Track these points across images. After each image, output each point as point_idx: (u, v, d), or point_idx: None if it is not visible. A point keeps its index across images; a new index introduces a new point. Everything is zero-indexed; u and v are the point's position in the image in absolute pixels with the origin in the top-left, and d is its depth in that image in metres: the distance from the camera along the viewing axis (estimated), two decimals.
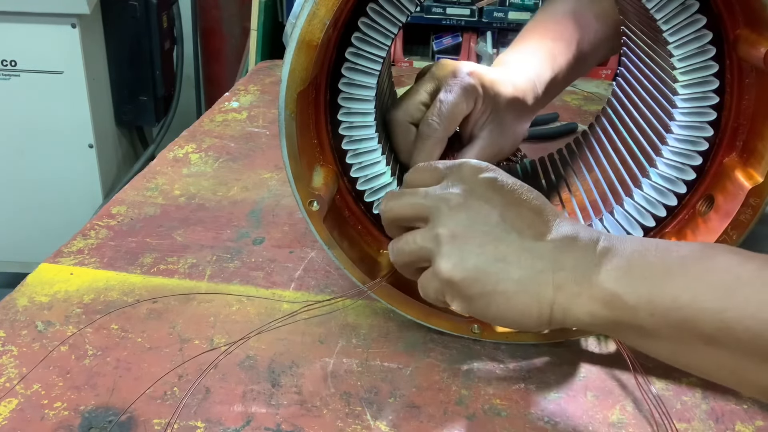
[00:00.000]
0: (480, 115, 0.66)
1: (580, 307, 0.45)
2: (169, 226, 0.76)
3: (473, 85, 0.64)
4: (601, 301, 0.44)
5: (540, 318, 0.46)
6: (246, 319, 0.62)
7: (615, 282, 0.44)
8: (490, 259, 0.46)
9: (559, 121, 1.06)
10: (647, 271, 0.43)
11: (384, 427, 0.51)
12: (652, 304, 0.42)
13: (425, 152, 0.63)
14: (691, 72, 0.54)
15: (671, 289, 0.42)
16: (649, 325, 0.43)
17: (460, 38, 2.36)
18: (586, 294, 0.44)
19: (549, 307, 0.46)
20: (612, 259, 0.44)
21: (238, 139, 0.98)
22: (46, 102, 1.85)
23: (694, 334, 0.41)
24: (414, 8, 0.54)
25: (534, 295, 0.46)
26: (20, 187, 1.95)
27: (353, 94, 0.56)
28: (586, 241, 0.46)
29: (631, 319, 0.43)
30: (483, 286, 0.46)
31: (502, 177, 0.49)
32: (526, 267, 0.46)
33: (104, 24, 1.94)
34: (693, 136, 0.56)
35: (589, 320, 0.45)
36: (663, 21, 0.53)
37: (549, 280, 0.45)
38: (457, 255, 0.46)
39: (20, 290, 0.64)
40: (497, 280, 0.46)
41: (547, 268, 0.45)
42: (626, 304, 0.43)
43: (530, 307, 0.46)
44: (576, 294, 0.45)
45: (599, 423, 0.52)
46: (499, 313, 0.47)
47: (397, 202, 0.51)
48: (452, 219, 0.47)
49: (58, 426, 0.50)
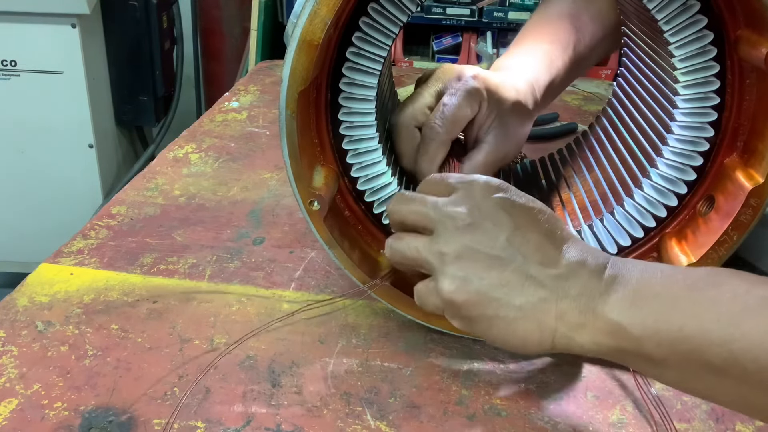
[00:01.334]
0: (485, 118, 0.65)
1: (584, 336, 0.45)
2: (169, 226, 0.76)
3: (477, 88, 0.63)
4: (606, 332, 0.44)
5: (541, 345, 0.46)
6: (246, 319, 0.62)
7: (620, 313, 0.43)
8: (493, 284, 0.46)
9: (559, 121, 1.06)
10: (653, 301, 0.43)
11: (384, 427, 0.51)
12: (658, 335, 0.42)
13: (428, 156, 0.62)
14: (691, 72, 0.54)
15: (678, 320, 0.41)
16: (656, 355, 0.42)
17: (460, 38, 2.36)
18: (590, 324, 0.44)
19: (551, 336, 0.45)
20: (618, 288, 0.44)
21: (238, 139, 0.98)
22: (46, 102, 1.85)
23: (700, 364, 0.41)
24: (415, 8, 0.54)
25: (535, 322, 0.45)
26: (20, 187, 1.95)
27: (354, 94, 0.56)
28: (591, 269, 0.45)
29: (637, 349, 0.43)
30: (484, 310, 0.46)
31: (514, 197, 0.48)
32: (529, 294, 0.45)
33: (104, 24, 1.94)
34: (693, 137, 0.56)
35: (594, 348, 0.45)
36: (664, 21, 0.53)
37: (552, 309, 0.45)
38: (460, 277, 0.46)
39: (20, 290, 0.64)
40: (499, 305, 0.46)
41: (551, 297, 0.45)
42: (632, 335, 0.43)
43: (531, 333, 0.46)
44: (580, 324, 0.44)
45: (599, 423, 0.52)
46: (500, 337, 0.47)
47: (404, 206, 0.50)
48: (458, 239, 0.47)
49: (58, 426, 0.50)
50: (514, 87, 0.67)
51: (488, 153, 0.66)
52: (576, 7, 0.78)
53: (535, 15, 0.82)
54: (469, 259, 0.46)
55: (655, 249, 0.60)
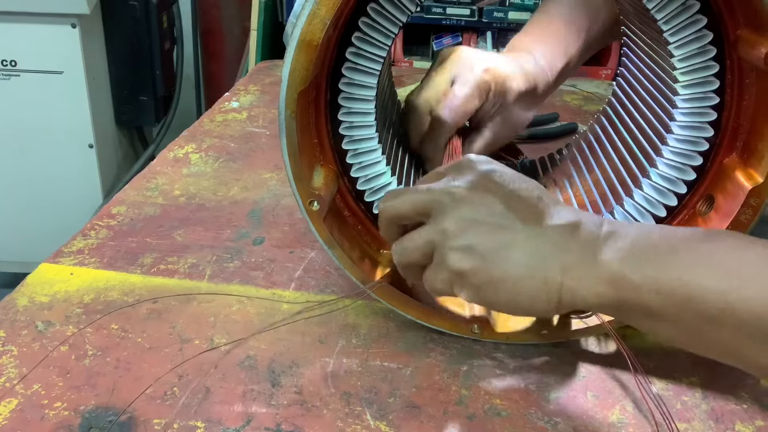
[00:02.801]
0: (489, 108, 0.70)
1: (587, 288, 0.45)
2: (169, 226, 0.76)
3: (486, 81, 0.67)
4: (607, 282, 0.44)
5: (549, 302, 0.46)
6: (246, 319, 0.62)
7: (620, 262, 0.44)
8: (497, 246, 0.47)
9: (559, 121, 1.06)
10: (652, 251, 0.44)
11: (384, 427, 0.51)
12: (656, 283, 0.43)
13: (435, 142, 0.67)
14: (691, 72, 0.54)
15: (676, 269, 0.42)
16: (654, 305, 0.43)
17: (460, 38, 2.35)
18: (592, 275, 0.45)
19: (557, 291, 0.46)
20: (617, 240, 0.45)
21: (238, 139, 0.98)
22: (46, 102, 1.85)
23: (697, 313, 0.42)
24: (414, 8, 0.54)
25: (542, 279, 0.46)
26: (20, 187, 1.95)
27: (353, 94, 0.56)
28: (589, 225, 0.47)
29: (636, 298, 0.44)
30: (491, 274, 0.47)
31: (501, 169, 0.50)
32: (533, 252, 0.46)
33: (104, 24, 1.93)
34: (693, 136, 0.56)
35: (596, 301, 0.45)
36: (663, 21, 0.53)
37: (556, 263, 0.46)
38: (464, 246, 0.47)
39: (20, 290, 0.64)
40: (505, 267, 0.46)
41: (553, 252, 0.46)
42: (631, 283, 0.43)
43: (539, 291, 0.46)
44: (583, 276, 0.45)
45: (599, 423, 0.52)
46: (509, 300, 0.47)
47: (397, 199, 0.51)
48: (457, 211, 0.48)
49: (58, 426, 0.50)
50: (523, 75, 0.71)
51: (487, 138, 0.71)
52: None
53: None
54: (471, 229, 0.47)
55: None
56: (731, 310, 0.40)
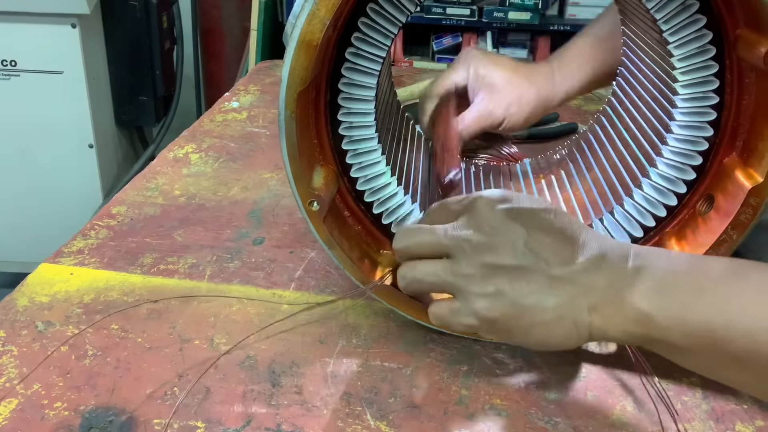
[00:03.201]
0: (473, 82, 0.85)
1: (615, 327, 0.45)
2: (169, 226, 0.76)
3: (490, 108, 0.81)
4: (635, 321, 0.45)
5: (579, 340, 0.47)
6: (246, 319, 0.62)
7: (648, 303, 0.44)
8: (524, 293, 0.46)
9: (559, 121, 1.06)
10: (680, 291, 0.44)
11: (384, 427, 0.51)
12: (684, 325, 0.43)
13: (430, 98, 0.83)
14: (691, 72, 0.54)
15: (703, 311, 0.43)
16: (682, 344, 0.44)
17: (460, 38, 2.36)
18: (620, 314, 0.45)
19: (587, 330, 0.46)
20: (644, 278, 0.45)
21: (238, 139, 0.98)
22: (46, 102, 1.85)
23: (724, 353, 0.42)
24: (414, 8, 0.54)
25: (571, 320, 0.46)
26: (20, 186, 1.95)
27: (353, 94, 0.56)
28: (616, 259, 0.46)
29: (664, 337, 0.44)
30: (520, 320, 0.47)
31: (518, 204, 0.48)
32: (560, 294, 0.46)
33: (104, 24, 1.93)
34: (693, 136, 0.56)
35: (624, 338, 0.46)
36: (663, 21, 0.53)
37: (583, 303, 0.46)
38: (491, 294, 0.47)
39: (20, 290, 0.64)
40: (534, 312, 0.46)
41: (580, 293, 0.46)
42: (660, 325, 0.44)
43: (570, 332, 0.46)
44: (611, 315, 0.45)
45: (599, 423, 0.52)
46: (540, 342, 0.48)
47: (413, 240, 0.50)
48: (478, 259, 0.47)
49: (58, 426, 0.50)
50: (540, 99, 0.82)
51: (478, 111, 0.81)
52: None
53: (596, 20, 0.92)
54: (495, 275, 0.47)
55: None
56: (757, 351, 0.41)
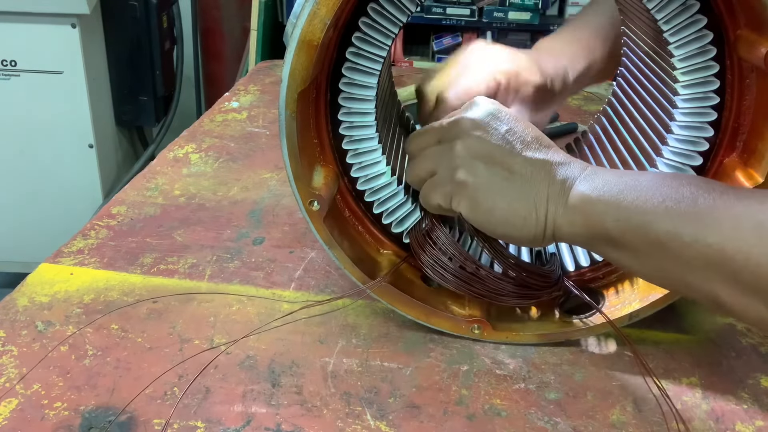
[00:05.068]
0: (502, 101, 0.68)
1: (563, 216, 0.50)
2: (169, 226, 0.76)
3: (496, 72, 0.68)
4: (577, 209, 0.50)
5: (537, 226, 0.51)
6: (246, 319, 0.62)
7: (590, 192, 0.50)
8: (499, 168, 0.52)
9: (559, 121, 1.06)
10: (618, 183, 0.49)
11: (384, 427, 0.51)
12: (617, 210, 0.48)
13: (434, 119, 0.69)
14: (691, 72, 0.54)
15: (634, 200, 0.47)
16: (615, 232, 0.48)
17: (460, 38, 2.36)
18: (568, 203, 0.50)
19: (544, 216, 0.51)
20: (594, 177, 0.51)
21: (238, 139, 0.98)
22: (46, 102, 1.85)
23: (648, 240, 0.47)
24: (414, 8, 0.54)
25: (532, 203, 0.51)
26: (20, 187, 1.95)
27: (354, 94, 0.56)
28: (576, 164, 0.52)
29: (600, 225, 0.49)
30: (490, 190, 0.52)
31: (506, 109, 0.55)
32: (528, 178, 0.51)
33: (104, 24, 1.93)
34: (693, 136, 0.56)
35: (569, 229, 0.51)
36: (664, 21, 0.53)
37: (544, 192, 0.51)
38: (471, 163, 0.52)
39: (20, 290, 0.64)
40: (502, 186, 0.52)
41: (545, 180, 0.51)
42: (595, 209, 0.49)
43: (529, 213, 0.51)
44: (560, 203, 0.51)
45: (599, 423, 0.52)
46: (502, 218, 0.52)
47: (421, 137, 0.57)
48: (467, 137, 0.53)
49: (58, 426, 0.50)
50: (539, 71, 0.71)
51: None
52: None
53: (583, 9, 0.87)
54: (477, 149, 0.53)
55: None
56: (677, 234, 0.45)
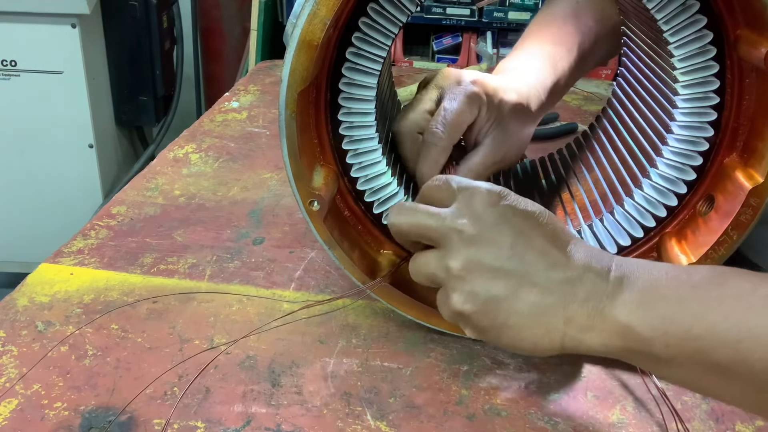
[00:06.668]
0: (484, 122, 0.65)
1: (593, 338, 0.45)
2: (169, 226, 0.76)
3: (477, 92, 0.63)
4: (615, 333, 0.44)
5: (551, 348, 0.47)
6: (246, 319, 0.62)
7: (628, 315, 0.44)
8: (500, 294, 0.46)
9: (559, 121, 1.06)
10: (661, 302, 0.43)
11: (384, 427, 0.51)
12: (666, 336, 0.43)
13: (430, 160, 0.62)
14: (691, 72, 0.54)
15: (685, 321, 0.42)
16: (664, 355, 0.43)
17: (460, 38, 2.36)
18: (599, 327, 0.45)
19: (560, 339, 0.46)
20: (625, 290, 0.45)
21: (238, 139, 0.98)
22: (46, 102, 1.85)
23: (708, 363, 0.42)
24: (414, 8, 0.54)
25: (543, 328, 0.46)
26: (20, 187, 1.95)
27: (354, 94, 0.56)
28: (597, 271, 0.46)
29: (645, 349, 0.44)
30: (493, 320, 0.47)
31: (515, 203, 0.48)
32: (536, 301, 0.46)
33: (104, 24, 1.94)
34: (693, 136, 0.56)
35: (603, 350, 0.46)
36: (663, 21, 0.53)
37: (560, 313, 0.46)
38: (467, 291, 0.47)
39: (20, 290, 0.64)
40: (507, 314, 0.46)
41: (558, 302, 0.46)
42: (640, 336, 0.43)
43: (541, 338, 0.46)
44: (588, 327, 0.45)
45: (599, 423, 0.52)
46: (510, 344, 0.48)
47: (404, 218, 0.50)
48: (463, 253, 0.47)
49: (58, 426, 0.50)
50: (515, 89, 0.67)
51: (485, 155, 0.66)
52: (579, 8, 0.78)
53: (537, 16, 0.82)
54: (475, 272, 0.47)
55: (655, 249, 0.60)
56: (741, 359, 0.40)
